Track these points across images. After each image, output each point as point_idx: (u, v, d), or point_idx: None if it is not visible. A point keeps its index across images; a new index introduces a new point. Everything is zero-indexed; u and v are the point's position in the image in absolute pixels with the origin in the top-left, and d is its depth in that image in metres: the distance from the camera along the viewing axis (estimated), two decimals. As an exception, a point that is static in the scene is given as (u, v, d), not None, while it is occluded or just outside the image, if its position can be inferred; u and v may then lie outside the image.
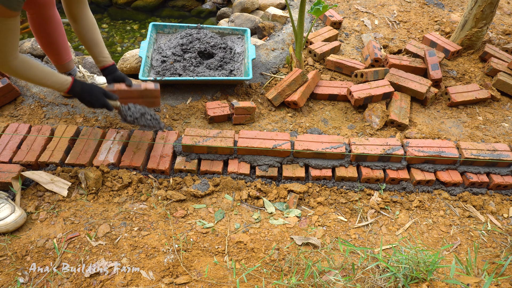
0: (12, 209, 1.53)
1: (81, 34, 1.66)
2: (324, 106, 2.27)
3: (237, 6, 3.25)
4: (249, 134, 1.88)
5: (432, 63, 2.38)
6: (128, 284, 1.39)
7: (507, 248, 1.63)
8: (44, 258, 1.45)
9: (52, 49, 1.87)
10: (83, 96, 1.60)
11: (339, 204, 1.79)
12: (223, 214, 1.69)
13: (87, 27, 1.65)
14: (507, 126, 2.24)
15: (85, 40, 1.68)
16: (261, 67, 2.47)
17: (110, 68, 1.77)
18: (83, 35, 1.67)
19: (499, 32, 2.97)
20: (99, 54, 1.72)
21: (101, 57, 1.73)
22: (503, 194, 1.89)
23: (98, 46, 1.71)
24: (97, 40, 1.69)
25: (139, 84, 1.80)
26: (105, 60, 1.75)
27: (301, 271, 1.46)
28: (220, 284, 1.41)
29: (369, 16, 3.04)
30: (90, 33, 1.67)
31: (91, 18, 1.66)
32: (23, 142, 1.82)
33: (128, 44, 3.28)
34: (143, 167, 1.82)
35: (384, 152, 1.84)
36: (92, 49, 1.71)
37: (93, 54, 1.72)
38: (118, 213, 1.64)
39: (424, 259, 1.33)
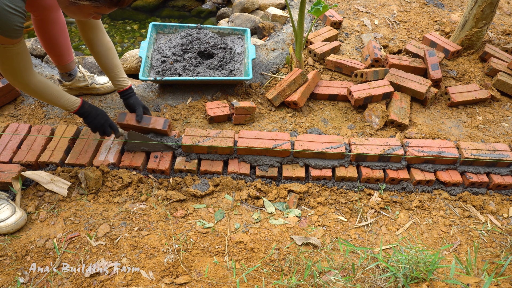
0: (13, 210, 1.53)
1: (98, 58, 1.71)
2: (324, 106, 2.27)
3: (237, 6, 3.25)
4: (249, 134, 1.88)
5: (432, 63, 2.38)
6: (128, 284, 1.39)
7: (507, 248, 1.63)
8: (44, 258, 1.45)
9: (54, 50, 1.87)
10: (88, 119, 1.65)
11: (339, 204, 1.79)
12: (223, 214, 1.69)
13: (103, 53, 1.69)
14: (507, 126, 2.24)
15: (102, 64, 1.73)
16: (261, 67, 2.47)
17: (125, 92, 1.82)
18: (99, 60, 1.71)
19: (499, 32, 2.97)
20: (115, 77, 1.77)
21: (116, 81, 1.78)
22: (503, 194, 1.89)
23: (113, 70, 1.75)
24: (112, 64, 1.73)
25: (149, 118, 1.84)
26: (120, 84, 1.79)
27: (301, 271, 1.46)
28: (220, 284, 1.41)
29: (369, 16, 3.04)
30: (106, 58, 1.70)
31: (107, 42, 1.69)
32: (23, 142, 1.82)
33: (128, 44, 3.28)
34: (143, 167, 1.83)
35: (384, 152, 1.84)
36: (108, 72, 1.75)
37: (110, 78, 1.78)
38: (118, 213, 1.64)
39: (424, 259, 1.33)
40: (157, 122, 1.83)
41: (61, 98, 1.54)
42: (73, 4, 1.26)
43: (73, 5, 1.27)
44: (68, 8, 1.30)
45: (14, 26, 1.20)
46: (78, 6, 1.27)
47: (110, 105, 2.13)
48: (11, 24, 1.19)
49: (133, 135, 1.79)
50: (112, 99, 2.18)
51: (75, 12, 1.32)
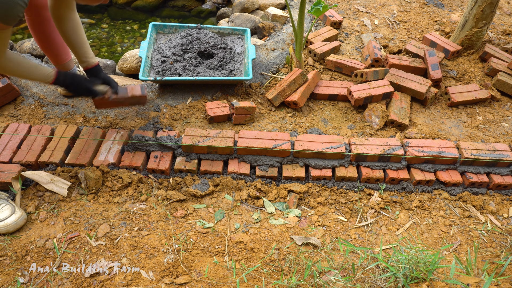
0: (13, 210, 1.53)
1: (66, 35, 1.67)
2: (324, 106, 2.27)
3: (237, 6, 3.25)
4: (249, 134, 1.88)
5: (432, 63, 2.38)
6: (128, 284, 1.39)
7: (507, 248, 1.63)
8: (44, 258, 1.45)
9: (51, 49, 1.87)
10: (67, 85, 1.62)
11: (339, 204, 1.79)
12: (223, 214, 1.69)
13: (73, 28, 1.65)
14: (507, 126, 2.24)
15: (70, 41, 1.69)
16: (261, 67, 2.47)
17: (95, 68, 1.77)
18: (68, 36, 1.67)
19: (499, 32, 2.97)
20: (83, 54, 1.72)
21: (84, 58, 1.73)
22: (503, 194, 1.89)
23: (82, 46, 1.71)
24: (81, 40, 1.70)
25: (124, 88, 1.82)
26: (88, 61, 1.75)
27: (301, 271, 1.46)
28: (220, 284, 1.41)
29: (369, 16, 3.04)
30: (75, 34, 1.67)
31: (76, 18, 1.66)
32: (23, 142, 1.82)
33: (128, 44, 3.28)
34: (143, 167, 1.83)
35: (384, 152, 1.84)
36: (76, 49, 1.71)
37: (78, 55, 1.73)
38: (118, 213, 1.64)
39: (424, 259, 1.33)
40: (135, 89, 1.82)
41: (36, 71, 1.52)
42: None
43: None
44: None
45: (17, 16, 1.23)
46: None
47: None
48: (15, 13, 1.22)
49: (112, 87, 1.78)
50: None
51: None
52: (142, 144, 1.83)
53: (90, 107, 2.11)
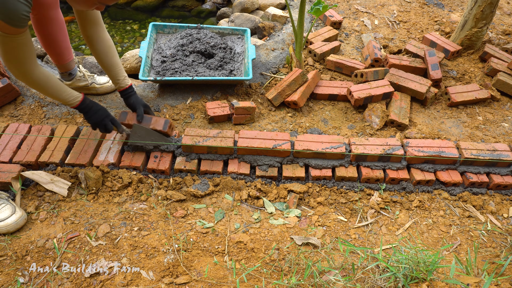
0: (13, 210, 1.53)
1: (97, 56, 1.69)
2: (324, 106, 2.27)
3: (237, 6, 3.25)
4: (249, 134, 1.88)
5: (432, 63, 2.38)
6: (128, 284, 1.39)
7: (507, 248, 1.63)
8: (44, 258, 1.45)
9: (54, 49, 1.87)
10: (88, 114, 1.63)
11: (339, 204, 1.79)
12: (223, 214, 1.69)
13: (103, 50, 1.67)
14: (507, 126, 2.24)
15: (101, 63, 1.71)
16: (261, 67, 2.47)
17: (125, 91, 1.80)
18: (99, 58, 1.69)
19: (499, 32, 2.97)
20: (115, 76, 1.75)
21: (116, 80, 1.76)
22: (503, 194, 1.89)
23: (114, 68, 1.73)
24: (113, 62, 1.71)
25: (150, 118, 1.83)
26: (120, 83, 1.77)
27: (301, 271, 1.46)
28: (220, 284, 1.41)
29: (369, 16, 3.04)
30: (106, 56, 1.68)
31: (107, 40, 1.66)
32: (23, 142, 1.82)
33: (128, 44, 3.28)
34: (143, 167, 1.83)
35: (384, 152, 1.84)
36: (108, 71, 1.74)
37: (110, 76, 1.76)
38: (118, 213, 1.64)
39: (424, 259, 1.33)
40: (158, 122, 1.83)
41: (63, 92, 1.52)
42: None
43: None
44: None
45: (21, 14, 1.20)
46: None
47: (110, 104, 2.13)
48: (17, 13, 1.19)
49: (137, 128, 1.77)
50: (112, 99, 2.18)
51: (78, 1, 1.31)
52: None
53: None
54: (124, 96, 1.82)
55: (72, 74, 2.03)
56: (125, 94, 1.81)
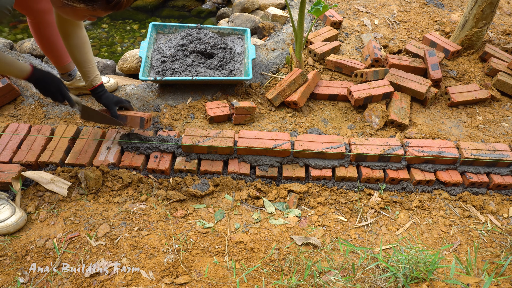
0: (13, 211, 1.53)
1: (71, 51, 1.64)
2: (324, 106, 2.27)
3: (237, 6, 3.25)
4: (249, 134, 1.88)
5: (432, 63, 2.38)
6: (128, 284, 1.39)
7: (507, 248, 1.63)
8: (44, 258, 1.45)
9: (52, 51, 1.87)
10: (41, 84, 1.53)
11: (339, 204, 1.79)
12: (223, 214, 1.69)
13: (78, 46, 1.62)
14: (507, 126, 2.24)
15: (74, 58, 1.66)
16: (261, 67, 2.47)
17: (96, 90, 1.74)
18: (73, 53, 1.64)
19: (499, 32, 2.97)
20: (87, 73, 1.69)
21: (88, 77, 1.71)
22: (503, 194, 1.89)
23: (86, 65, 1.67)
24: (85, 59, 1.66)
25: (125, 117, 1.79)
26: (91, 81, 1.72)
27: (301, 271, 1.46)
28: (220, 284, 1.41)
29: (369, 16, 3.04)
30: (80, 52, 1.64)
31: (83, 36, 1.62)
32: (23, 142, 1.82)
33: (128, 44, 3.28)
34: (143, 167, 1.83)
35: (384, 152, 1.84)
36: (80, 67, 1.68)
37: (82, 73, 1.70)
38: (118, 213, 1.64)
39: (424, 259, 1.33)
40: (134, 121, 1.78)
41: (11, 65, 1.46)
42: (67, 5, 1.23)
43: (67, 6, 1.24)
44: (61, 8, 1.27)
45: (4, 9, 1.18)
46: (72, 7, 1.23)
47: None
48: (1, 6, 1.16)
49: (86, 109, 1.71)
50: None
51: (68, 13, 1.29)
52: (141, 144, 1.83)
53: (90, 107, 2.10)
54: (95, 96, 1.76)
55: (72, 75, 2.03)
56: (96, 93, 1.75)
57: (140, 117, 1.79)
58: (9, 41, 2.66)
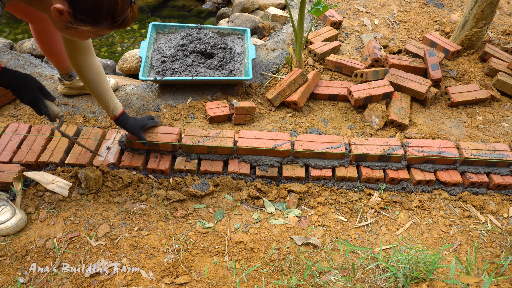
0: (13, 212, 1.52)
1: (87, 84, 1.58)
2: (324, 106, 2.27)
3: (237, 6, 3.25)
4: (249, 134, 1.88)
5: (432, 63, 2.38)
6: (128, 284, 1.39)
7: (507, 248, 1.63)
8: (44, 258, 1.45)
9: (54, 56, 1.87)
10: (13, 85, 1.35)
11: (339, 204, 1.79)
12: (223, 214, 1.69)
13: (93, 79, 1.56)
14: (507, 126, 2.24)
15: (92, 91, 1.61)
16: (261, 67, 2.47)
17: (119, 119, 1.69)
18: (89, 86, 1.59)
19: (499, 32, 2.97)
20: (106, 104, 1.64)
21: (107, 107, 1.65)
22: (503, 194, 1.89)
23: (104, 96, 1.61)
24: (102, 90, 1.60)
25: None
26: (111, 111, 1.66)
27: (301, 271, 1.46)
28: (220, 284, 1.41)
29: (369, 16, 3.04)
30: (95, 84, 1.58)
31: (97, 67, 1.56)
32: (23, 142, 1.82)
33: (128, 44, 3.28)
34: (143, 167, 1.83)
35: (384, 152, 1.84)
36: (99, 99, 1.63)
37: (101, 104, 1.65)
38: (118, 213, 1.64)
39: (424, 259, 1.33)
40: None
41: None
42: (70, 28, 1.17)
43: (70, 29, 1.18)
44: (65, 30, 1.21)
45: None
46: (77, 30, 1.18)
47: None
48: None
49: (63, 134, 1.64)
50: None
51: (72, 34, 1.23)
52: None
53: (90, 107, 2.11)
54: (119, 125, 1.71)
55: (72, 75, 2.03)
56: (119, 122, 1.69)
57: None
58: (9, 41, 2.66)
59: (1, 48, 2.39)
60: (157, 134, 1.83)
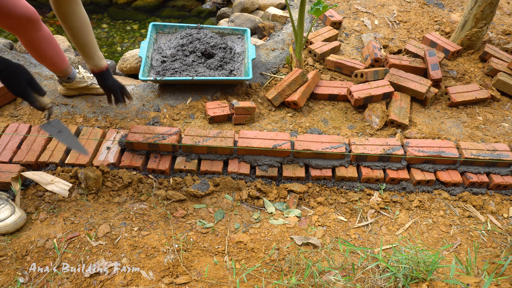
0: (12, 210, 1.53)
1: (71, 34, 1.52)
2: (324, 106, 2.27)
3: (237, 6, 3.25)
4: (249, 134, 1.88)
5: (432, 63, 2.38)
6: (128, 284, 1.39)
7: (507, 248, 1.63)
8: (44, 258, 1.45)
9: (46, 62, 1.85)
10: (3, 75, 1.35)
11: (339, 204, 1.79)
12: (223, 214, 1.69)
13: (78, 27, 1.50)
14: (507, 126, 2.24)
15: (76, 41, 1.56)
16: (261, 67, 2.47)
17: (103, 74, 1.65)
18: (74, 36, 1.53)
19: (499, 32, 2.97)
20: (90, 55, 1.59)
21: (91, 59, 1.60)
22: (503, 194, 1.89)
23: (88, 47, 1.56)
24: (87, 41, 1.55)
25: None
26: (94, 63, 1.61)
27: (301, 271, 1.46)
28: (220, 284, 1.41)
29: (369, 16, 3.04)
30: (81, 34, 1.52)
31: (83, 17, 1.50)
32: (23, 142, 1.82)
33: (128, 44, 3.28)
34: (143, 167, 1.83)
35: (384, 152, 1.84)
36: (83, 50, 1.57)
37: (84, 56, 1.60)
38: (118, 213, 1.64)
39: (424, 259, 1.33)
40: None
41: None
42: None
43: None
44: None
45: None
46: None
47: (110, 105, 2.13)
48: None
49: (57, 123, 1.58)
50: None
51: None
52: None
53: (90, 107, 2.11)
54: (100, 79, 1.66)
55: (71, 78, 2.02)
56: (101, 76, 1.65)
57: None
58: (9, 41, 2.66)
59: (1, 48, 2.39)
60: (158, 134, 1.83)
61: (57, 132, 1.56)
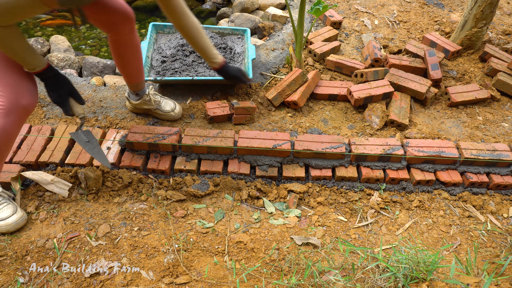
0: (14, 210, 1.53)
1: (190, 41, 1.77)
2: (324, 106, 2.27)
3: (237, 6, 3.25)
4: (249, 134, 1.88)
5: (432, 63, 2.38)
6: (128, 284, 1.39)
7: (507, 248, 1.63)
8: (44, 258, 1.45)
9: (125, 69, 1.84)
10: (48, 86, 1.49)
11: (339, 204, 1.79)
12: (223, 214, 1.69)
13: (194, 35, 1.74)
14: (507, 126, 2.24)
15: (194, 46, 1.80)
16: (261, 67, 2.47)
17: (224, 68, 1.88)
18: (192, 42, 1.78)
19: (499, 32, 2.97)
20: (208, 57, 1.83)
21: (210, 59, 1.84)
22: (503, 194, 1.89)
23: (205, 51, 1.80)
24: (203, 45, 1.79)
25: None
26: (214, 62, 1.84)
27: (301, 271, 1.46)
28: (220, 284, 1.41)
29: (369, 16, 3.04)
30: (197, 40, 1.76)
31: (196, 26, 1.73)
32: (23, 142, 1.82)
33: (128, 44, 3.27)
34: (143, 167, 1.83)
35: (384, 152, 1.84)
36: (201, 53, 1.82)
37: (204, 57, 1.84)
38: (118, 213, 1.64)
39: (424, 259, 1.33)
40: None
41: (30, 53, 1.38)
42: None
43: None
44: None
45: None
46: None
47: (110, 105, 2.13)
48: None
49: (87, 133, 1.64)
50: (112, 99, 2.18)
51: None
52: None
53: (90, 107, 2.11)
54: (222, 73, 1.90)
55: (139, 95, 1.98)
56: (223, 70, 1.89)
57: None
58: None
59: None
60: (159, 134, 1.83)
61: (85, 141, 1.63)
